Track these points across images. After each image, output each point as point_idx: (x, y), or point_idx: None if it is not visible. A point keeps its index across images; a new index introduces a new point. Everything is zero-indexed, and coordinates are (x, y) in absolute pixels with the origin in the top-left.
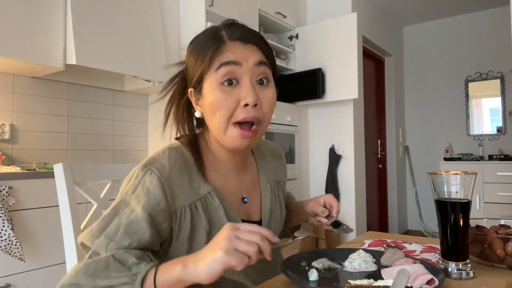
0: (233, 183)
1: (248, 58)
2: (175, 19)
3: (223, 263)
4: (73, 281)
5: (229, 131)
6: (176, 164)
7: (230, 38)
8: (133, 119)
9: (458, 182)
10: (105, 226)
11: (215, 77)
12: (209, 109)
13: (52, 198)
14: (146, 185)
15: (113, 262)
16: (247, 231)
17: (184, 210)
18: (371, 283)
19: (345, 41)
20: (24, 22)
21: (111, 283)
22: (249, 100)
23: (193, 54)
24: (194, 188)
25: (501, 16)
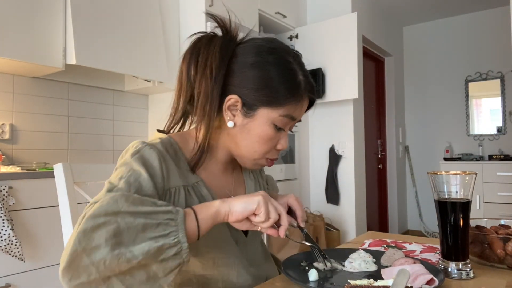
0: (220, 182)
1: (301, 115)
2: (175, 19)
3: (258, 203)
4: (112, 208)
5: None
6: (168, 150)
7: (306, 92)
8: (133, 119)
9: (458, 182)
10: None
11: (275, 117)
12: (253, 136)
13: (52, 198)
14: (145, 155)
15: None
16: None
17: (178, 190)
18: (371, 283)
19: (345, 41)
20: (24, 22)
21: (154, 210)
22: (285, 148)
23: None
24: (184, 175)
25: (501, 16)
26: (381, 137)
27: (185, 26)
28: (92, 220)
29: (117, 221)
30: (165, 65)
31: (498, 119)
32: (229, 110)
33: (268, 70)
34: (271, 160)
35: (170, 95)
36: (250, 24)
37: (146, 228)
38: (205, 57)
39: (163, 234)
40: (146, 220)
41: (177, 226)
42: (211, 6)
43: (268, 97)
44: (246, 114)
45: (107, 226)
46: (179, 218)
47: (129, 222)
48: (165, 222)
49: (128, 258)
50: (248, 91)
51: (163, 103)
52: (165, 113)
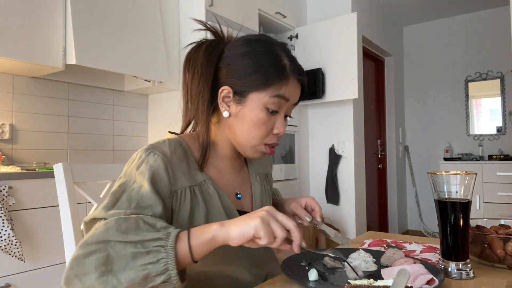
0: (228, 179)
1: (295, 97)
2: (175, 19)
3: (255, 228)
4: (103, 237)
5: (258, 147)
6: (176, 151)
7: (293, 73)
8: (133, 119)
9: (458, 182)
10: (116, 200)
11: (267, 100)
12: (247, 121)
13: (52, 198)
14: (150, 163)
15: (143, 223)
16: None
17: (184, 191)
18: (371, 283)
19: (345, 41)
20: (24, 22)
21: (144, 238)
22: (281, 131)
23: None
24: (191, 175)
25: (501, 16)
26: (381, 137)
27: (185, 26)
28: (85, 247)
29: (107, 249)
30: (165, 65)
31: (498, 119)
32: (223, 102)
33: (253, 57)
34: (270, 146)
35: (170, 95)
36: (250, 24)
37: (136, 256)
38: (193, 60)
39: (152, 261)
40: (136, 248)
41: (167, 253)
42: (211, 6)
43: (255, 81)
44: (238, 101)
45: (97, 254)
46: (169, 245)
47: (119, 251)
48: (155, 249)
49: (114, 285)
50: (236, 79)
51: (163, 103)
52: (165, 113)
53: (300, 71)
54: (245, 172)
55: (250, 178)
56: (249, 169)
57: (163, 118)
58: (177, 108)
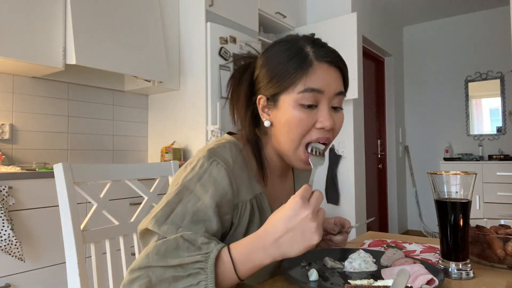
0: (276, 189)
1: (330, 85)
2: (175, 19)
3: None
4: (144, 263)
5: (298, 150)
6: (237, 160)
7: (318, 59)
8: (133, 119)
9: (458, 182)
10: (170, 212)
11: (297, 97)
12: (284, 125)
13: (52, 198)
14: (213, 175)
15: (182, 242)
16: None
17: (245, 204)
18: (371, 283)
19: (345, 41)
20: (24, 22)
21: (183, 262)
22: (327, 124)
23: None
24: (251, 186)
25: (501, 16)
26: (381, 137)
27: (185, 26)
28: (130, 274)
29: (149, 275)
30: (165, 65)
31: (498, 119)
32: (263, 112)
33: (275, 59)
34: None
35: (170, 95)
36: (250, 24)
37: (177, 280)
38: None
39: (193, 283)
40: (176, 272)
41: (206, 275)
42: (211, 6)
43: (280, 81)
44: (273, 107)
45: (141, 280)
46: (209, 267)
47: (160, 275)
48: (195, 271)
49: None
50: (265, 85)
51: (163, 103)
52: (165, 113)
53: (328, 53)
54: (291, 185)
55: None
56: (295, 182)
57: (163, 118)
58: (177, 108)
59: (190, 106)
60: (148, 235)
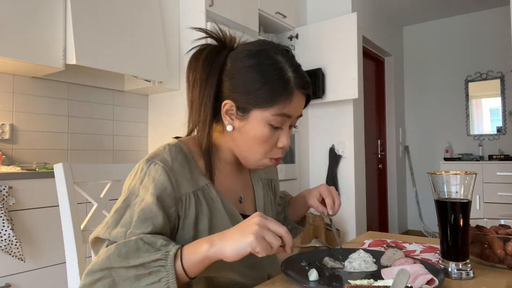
0: (230, 183)
1: (298, 111)
2: (175, 19)
3: (251, 246)
4: (106, 265)
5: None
6: (177, 158)
7: (297, 88)
8: (133, 119)
9: (458, 182)
10: (119, 218)
11: (269, 117)
12: (251, 138)
13: (52, 198)
14: (151, 174)
15: (142, 244)
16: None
17: (189, 197)
18: (371, 283)
19: (345, 41)
20: (24, 22)
21: (145, 261)
22: (287, 145)
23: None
24: (194, 179)
25: (501, 16)
26: (381, 137)
27: (185, 26)
28: (91, 275)
29: (112, 275)
30: (165, 65)
31: (498, 119)
32: (227, 114)
33: (255, 73)
34: (275, 159)
35: (170, 95)
36: (250, 24)
37: (139, 278)
38: (194, 69)
39: (155, 281)
40: (138, 271)
41: (167, 271)
42: (211, 6)
43: (257, 99)
44: (241, 117)
45: (103, 280)
46: (168, 264)
47: (123, 275)
48: (156, 269)
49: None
50: (239, 95)
51: (163, 103)
52: (165, 113)
53: (304, 84)
54: (247, 176)
55: (252, 182)
56: (251, 173)
57: (163, 118)
58: (177, 108)
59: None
60: (100, 243)
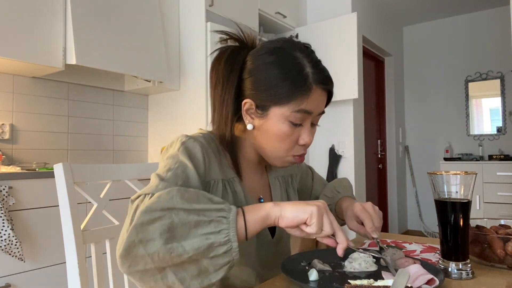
0: (250, 182)
1: (319, 107)
2: (175, 19)
3: (310, 213)
4: (167, 204)
5: (285, 158)
6: (210, 145)
7: (316, 83)
8: (133, 119)
9: (458, 182)
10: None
11: (289, 114)
12: (271, 136)
13: (52, 198)
14: (190, 147)
15: (202, 196)
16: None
17: (217, 183)
18: (371, 283)
19: (345, 41)
20: (24, 22)
21: (207, 208)
22: (308, 142)
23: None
24: (224, 169)
25: (501, 16)
26: (381, 137)
27: (185, 26)
28: (149, 214)
29: (172, 216)
30: (165, 65)
31: (498, 119)
32: (247, 113)
33: (273, 69)
34: (298, 156)
35: (170, 95)
36: (250, 24)
37: (198, 225)
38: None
39: (214, 231)
40: (199, 217)
41: (228, 224)
42: (211, 6)
43: (276, 95)
44: (261, 115)
45: (162, 220)
46: (231, 217)
47: (183, 218)
48: (217, 219)
49: (180, 252)
50: (258, 93)
51: (163, 103)
52: (165, 113)
53: (324, 79)
54: (265, 177)
55: (269, 182)
56: (268, 174)
57: (163, 118)
58: (177, 108)
59: (190, 106)
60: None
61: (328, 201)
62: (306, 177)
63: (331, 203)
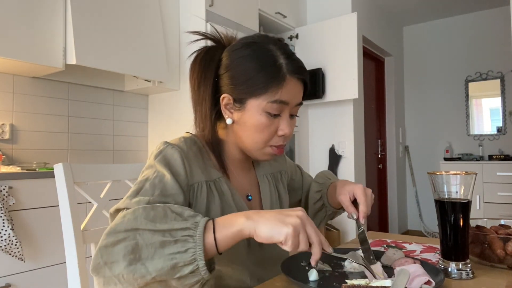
0: (237, 180)
1: (296, 98)
2: (175, 19)
3: (285, 236)
4: (131, 225)
5: (264, 150)
6: (192, 148)
7: (290, 73)
8: (133, 119)
9: (458, 182)
10: (139, 189)
11: (265, 105)
12: (250, 128)
13: (52, 198)
14: (167, 155)
15: (170, 212)
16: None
17: (201, 185)
18: (368, 283)
19: (345, 41)
20: (24, 22)
21: (172, 227)
22: (287, 132)
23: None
24: (207, 171)
25: (501, 16)
26: (381, 137)
27: (185, 26)
28: (113, 235)
29: (136, 237)
30: (165, 65)
31: (498, 119)
32: (226, 109)
33: (246, 63)
34: (277, 147)
35: (170, 95)
36: (250, 24)
37: (164, 245)
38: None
39: (181, 250)
40: (165, 237)
41: (195, 243)
42: (211, 6)
43: (251, 87)
44: (239, 108)
45: (126, 242)
46: (197, 235)
47: (148, 239)
48: (183, 238)
49: (142, 273)
50: (235, 87)
51: (163, 103)
52: (165, 113)
53: (298, 69)
54: (253, 174)
55: (257, 179)
56: (256, 171)
57: (163, 118)
58: (177, 108)
59: (190, 106)
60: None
61: (319, 187)
62: (295, 173)
63: (322, 188)
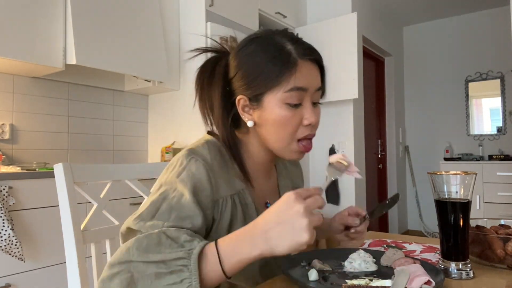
0: (259, 188)
1: (313, 82)
2: (175, 19)
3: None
4: (125, 258)
5: (292, 146)
6: (216, 157)
7: (301, 57)
8: (133, 119)
9: (458, 182)
10: (155, 211)
11: (283, 96)
12: (272, 124)
13: (52, 198)
14: (192, 170)
15: (165, 238)
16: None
17: (226, 200)
18: (367, 283)
19: (345, 41)
20: (24, 22)
21: (165, 258)
22: (313, 121)
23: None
24: (231, 182)
25: (501, 16)
26: (381, 137)
27: (185, 26)
28: (110, 269)
29: (130, 270)
30: (165, 65)
31: (498, 119)
32: (244, 111)
33: (254, 58)
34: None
35: (170, 95)
36: (250, 24)
37: (160, 276)
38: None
39: (177, 281)
40: (158, 269)
41: (190, 272)
42: (211, 6)
43: (264, 81)
44: (256, 107)
45: (121, 275)
46: (192, 264)
47: (142, 271)
48: (178, 268)
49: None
50: (248, 85)
51: (163, 103)
52: (165, 113)
53: (307, 50)
54: (273, 181)
55: (278, 187)
56: (279, 182)
57: (163, 118)
58: (177, 108)
59: (190, 106)
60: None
61: None
62: None
63: None
